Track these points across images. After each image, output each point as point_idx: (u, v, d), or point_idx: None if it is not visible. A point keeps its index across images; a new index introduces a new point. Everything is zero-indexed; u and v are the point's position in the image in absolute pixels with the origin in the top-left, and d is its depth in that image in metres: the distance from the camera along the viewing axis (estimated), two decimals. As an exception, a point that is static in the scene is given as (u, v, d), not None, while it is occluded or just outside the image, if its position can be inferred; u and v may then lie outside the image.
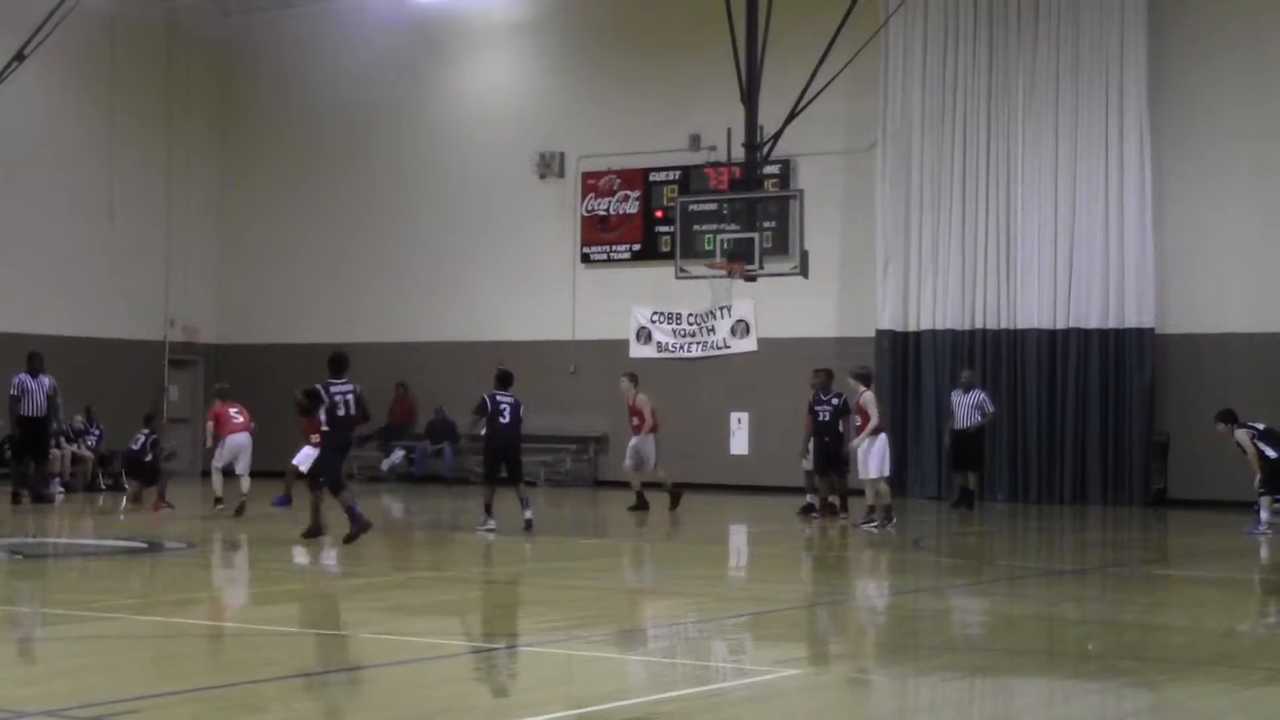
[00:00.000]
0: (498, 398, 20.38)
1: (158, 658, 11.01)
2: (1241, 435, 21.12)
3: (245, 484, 22.42)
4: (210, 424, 23.14)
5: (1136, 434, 26.82)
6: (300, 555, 17.97)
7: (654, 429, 23.98)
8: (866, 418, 21.11)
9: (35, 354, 24.94)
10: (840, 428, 22.00)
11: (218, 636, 11.97)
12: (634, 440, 24.04)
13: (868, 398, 21.31)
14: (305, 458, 22.83)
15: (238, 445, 22.82)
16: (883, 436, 21.23)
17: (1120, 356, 26.98)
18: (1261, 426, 21.30)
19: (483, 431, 20.48)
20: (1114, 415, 26.99)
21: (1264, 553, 19.32)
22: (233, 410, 23.10)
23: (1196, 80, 26.93)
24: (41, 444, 24.81)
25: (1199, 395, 26.42)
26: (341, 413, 18.27)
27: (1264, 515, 20.79)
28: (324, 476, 18.43)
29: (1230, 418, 21.52)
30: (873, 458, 20.99)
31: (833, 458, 22.05)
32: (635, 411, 24.07)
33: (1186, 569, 18.29)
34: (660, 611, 13.83)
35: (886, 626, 13.23)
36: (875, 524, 20.67)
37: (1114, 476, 26.97)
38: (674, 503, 23.70)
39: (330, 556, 17.99)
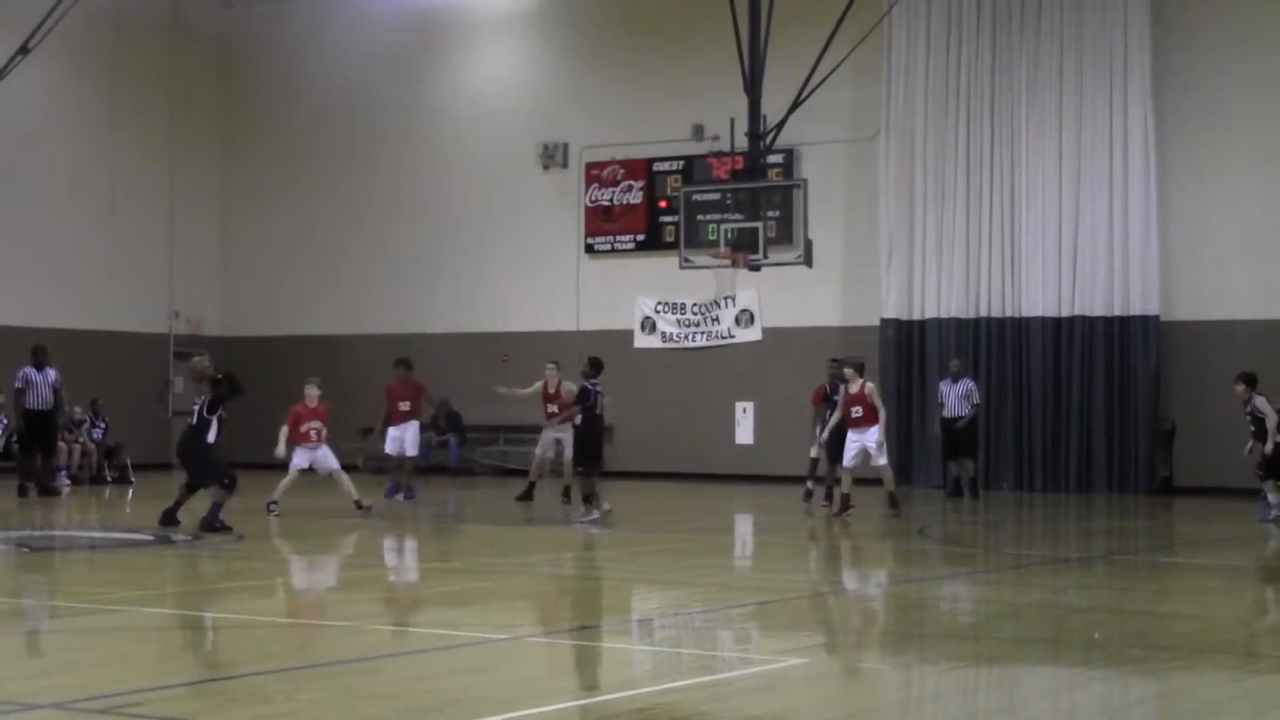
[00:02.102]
0: (597, 387, 19.84)
1: (163, 650, 11.02)
2: (1263, 402, 20.81)
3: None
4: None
5: (1142, 421, 26.81)
6: (304, 547, 18.00)
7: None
8: (871, 409, 21.10)
9: (40, 347, 24.95)
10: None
11: (223, 628, 11.97)
12: (563, 430, 22.72)
13: (872, 387, 21.40)
14: (393, 442, 23.24)
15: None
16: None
17: (1125, 344, 26.96)
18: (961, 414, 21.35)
19: (577, 422, 19.88)
20: (1119, 403, 26.99)
21: (1273, 541, 19.30)
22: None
23: (1200, 68, 26.89)
24: (49, 437, 24.86)
25: (1204, 382, 26.42)
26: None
27: (1272, 498, 20.71)
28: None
29: (1252, 381, 21.23)
30: (882, 447, 21.19)
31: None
32: (557, 399, 22.89)
33: (1193, 556, 18.29)
34: (665, 601, 13.84)
35: (891, 615, 13.22)
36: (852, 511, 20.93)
37: (1119, 464, 26.96)
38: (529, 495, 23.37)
39: (334, 547, 18.02)
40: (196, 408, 18.82)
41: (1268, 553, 18.53)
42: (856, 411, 21.19)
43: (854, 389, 21.29)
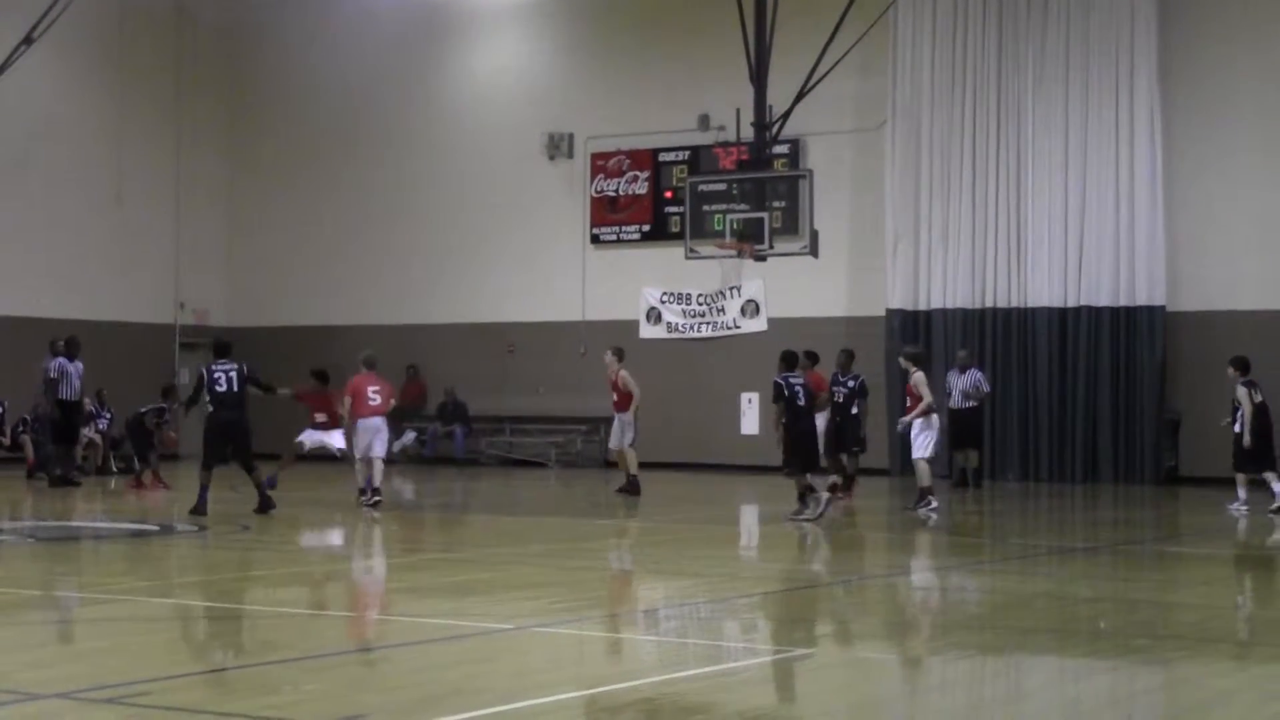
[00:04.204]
0: (791, 380, 19.05)
1: (170, 640, 11.04)
2: (1243, 392, 20.75)
3: (378, 472, 20.81)
4: (348, 399, 20.97)
5: (1147, 412, 26.80)
6: (310, 537, 18.01)
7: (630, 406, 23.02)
8: (918, 399, 20.66)
9: (73, 338, 25.10)
10: (855, 409, 21.99)
11: (230, 618, 11.99)
12: (625, 417, 23.11)
13: (918, 378, 20.95)
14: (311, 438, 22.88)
15: (370, 429, 20.78)
16: (934, 417, 20.73)
17: (1131, 334, 26.94)
18: (967, 405, 21.18)
19: (783, 420, 18.98)
20: (1125, 393, 26.97)
21: (1278, 532, 19.28)
22: (371, 389, 20.98)
23: (1207, 58, 26.84)
24: (74, 428, 25.04)
25: (1210, 373, 26.33)
26: (222, 389, 18.87)
27: (1242, 493, 20.72)
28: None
29: (1242, 366, 21.02)
30: (922, 437, 20.61)
31: (845, 438, 22.07)
32: (615, 388, 23.11)
33: (1198, 546, 18.28)
34: (671, 592, 13.84)
35: (897, 605, 13.23)
36: (930, 506, 20.35)
37: (1125, 454, 26.94)
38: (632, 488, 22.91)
39: (340, 538, 18.04)
40: (231, 373, 19.00)
41: (1273, 542, 18.51)
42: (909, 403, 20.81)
43: (911, 382, 20.81)
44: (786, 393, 18.98)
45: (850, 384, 22.07)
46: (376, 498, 20.46)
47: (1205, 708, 8.79)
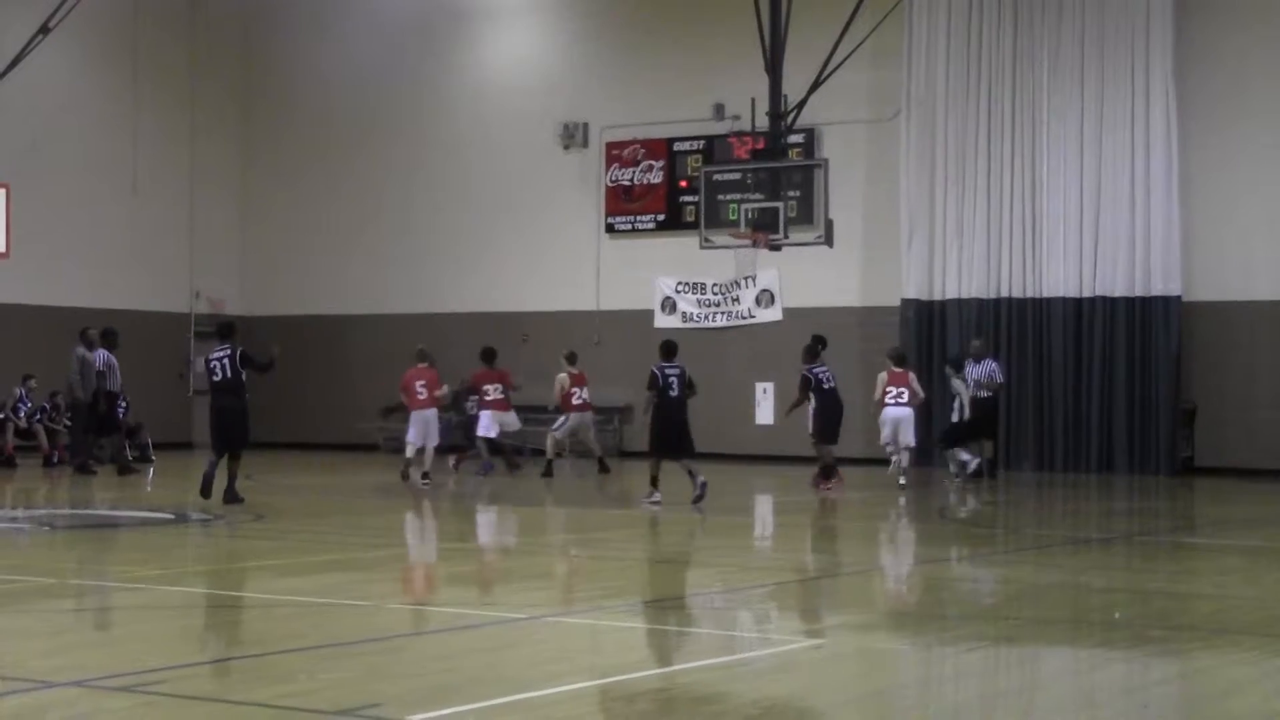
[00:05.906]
0: (666, 370, 19.68)
1: (184, 629, 11.06)
2: (958, 383, 22.54)
3: (428, 458, 22.26)
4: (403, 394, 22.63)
5: (1163, 402, 26.74)
6: (325, 527, 18.03)
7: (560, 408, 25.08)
8: (914, 393, 22.41)
9: (111, 330, 25.22)
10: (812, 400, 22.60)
11: (244, 607, 12.01)
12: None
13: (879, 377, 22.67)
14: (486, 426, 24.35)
15: (422, 420, 22.38)
16: (886, 410, 22.35)
17: (1146, 325, 26.87)
18: (982, 395, 23.24)
19: (653, 407, 19.68)
20: (1140, 384, 26.91)
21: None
22: (419, 383, 22.40)
23: (1222, 48, 26.76)
24: (115, 419, 25.30)
25: (1225, 363, 26.33)
26: (217, 378, 18.76)
27: (953, 467, 23.46)
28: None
29: (958, 365, 23.92)
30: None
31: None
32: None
33: (1214, 537, 18.25)
34: (683, 582, 13.85)
35: (911, 596, 13.22)
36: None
37: (1140, 445, 26.88)
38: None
39: (355, 528, 18.06)
40: (224, 360, 18.72)
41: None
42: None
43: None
44: (660, 382, 19.59)
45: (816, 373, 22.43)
46: (425, 481, 22.20)
47: (1220, 698, 8.78)
